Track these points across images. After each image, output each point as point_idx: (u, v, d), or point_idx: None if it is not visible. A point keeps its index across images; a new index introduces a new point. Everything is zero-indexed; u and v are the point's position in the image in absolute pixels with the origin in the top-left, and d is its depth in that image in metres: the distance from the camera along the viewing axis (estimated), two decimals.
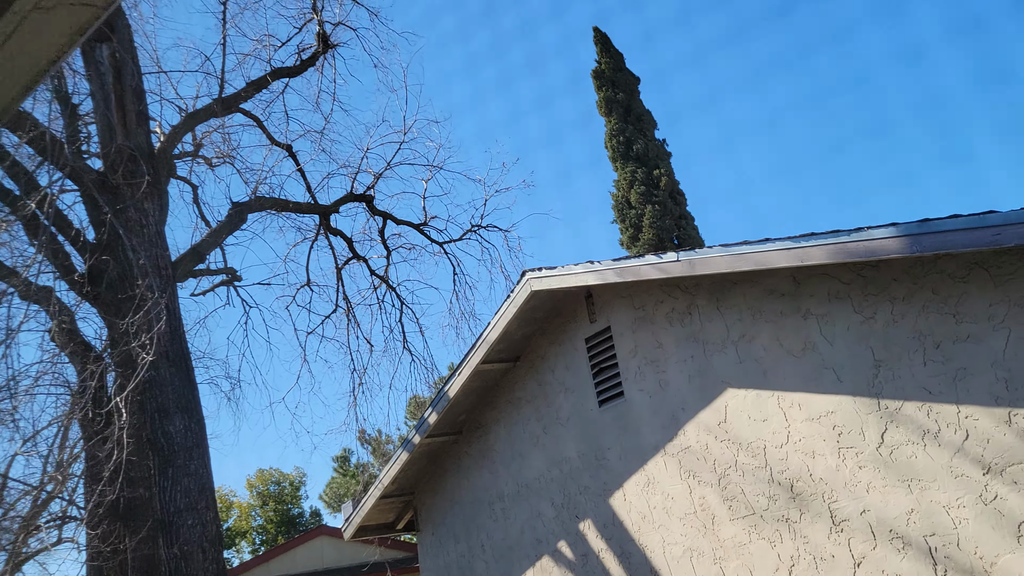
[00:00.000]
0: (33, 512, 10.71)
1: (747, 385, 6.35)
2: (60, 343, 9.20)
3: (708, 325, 6.71)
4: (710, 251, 6.06)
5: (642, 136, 21.06)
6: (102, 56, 9.12)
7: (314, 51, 12.27)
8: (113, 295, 8.78)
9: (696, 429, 6.74)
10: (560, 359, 8.25)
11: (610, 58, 21.64)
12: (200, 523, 8.07)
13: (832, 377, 5.77)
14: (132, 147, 9.26)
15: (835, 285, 5.78)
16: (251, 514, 40.24)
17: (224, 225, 11.33)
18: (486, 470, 9.18)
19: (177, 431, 8.38)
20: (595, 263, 7.10)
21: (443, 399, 8.98)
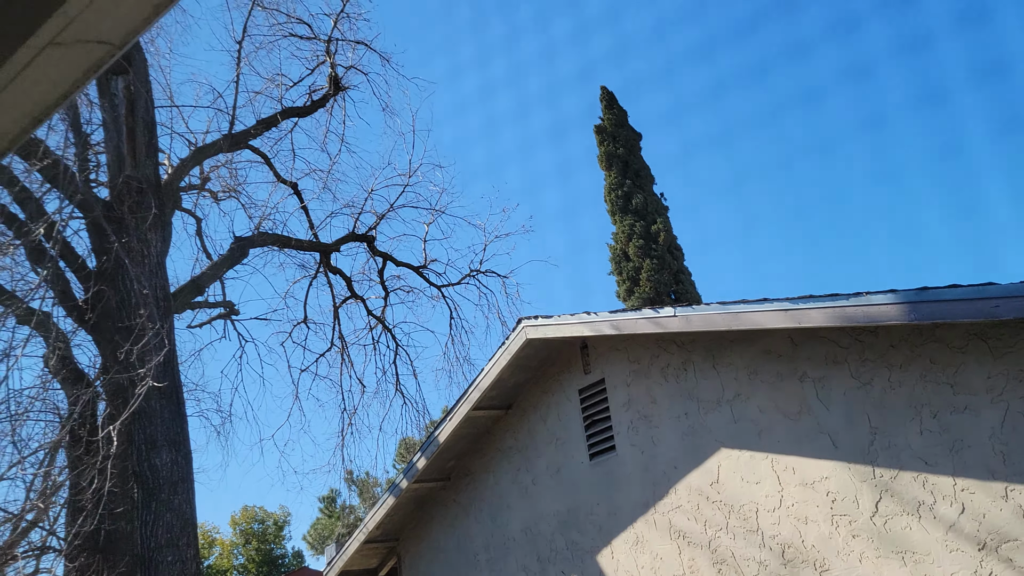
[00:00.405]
0: (11, 540, 10.50)
1: (741, 446, 6.29)
2: (54, 369, 9.14)
3: (703, 383, 6.68)
4: (707, 308, 6.07)
5: (640, 190, 21.29)
6: (117, 88, 9.26)
7: (325, 92, 12.47)
8: (110, 324, 8.76)
9: (688, 488, 6.66)
10: (552, 409, 8.19)
11: (613, 115, 22.03)
12: (180, 560, 7.91)
13: (827, 442, 5.72)
14: (140, 178, 9.34)
15: (833, 349, 5.77)
16: (233, 552, 39.50)
17: (225, 259, 11.37)
18: (473, 519, 9.03)
19: (163, 464, 8.27)
20: (591, 314, 7.10)
21: (433, 444, 8.89)
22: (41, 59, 1.25)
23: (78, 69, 1.29)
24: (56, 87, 1.32)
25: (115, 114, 9.29)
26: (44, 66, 1.27)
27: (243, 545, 39.63)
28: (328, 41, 12.42)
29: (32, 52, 1.24)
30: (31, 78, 1.28)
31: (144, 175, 9.42)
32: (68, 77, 1.31)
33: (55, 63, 1.27)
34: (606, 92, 22.41)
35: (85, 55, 1.27)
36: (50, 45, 1.23)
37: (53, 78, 1.30)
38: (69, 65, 1.28)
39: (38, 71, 1.28)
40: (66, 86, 1.32)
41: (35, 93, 1.32)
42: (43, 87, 1.31)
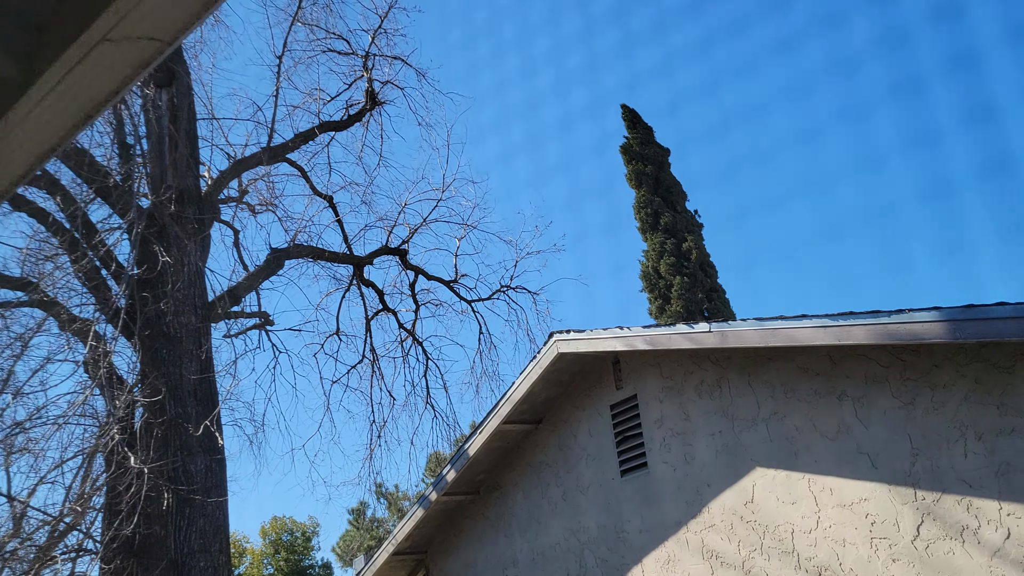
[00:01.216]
0: (49, 543, 10.69)
1: (777, 465, 6.17)
2: (92, 375, 9.32)
3: (739, 400, 6.58)
4: (743, 324, 5.98)
5: (671, 208, 21.17)
6: (161, 100, 9.47)
7: (361, 107, 12.62)
8: (149, 331, 8.91)
9: (722, 508, 6.55)
10: (583, 424, 8.12)
11: (638, 133, 21.98)
12: (212, 566, 7.98)
13: (867, 463, 5.58)
14: (181, 189, 9.52)
15: (873, 367, 5.65)
16: (263, 562, 39.75)
17: (261, 270, 11.51)
18: (502, 533, 8.98)
19: (198, 470, 8.37)
20: (624, 329, 7.05)
21: (462, 457, 8.87)
22: (93, 56, 1.27)
23: (128, 66, 1.31)
24: (107, 84, 1.34)
25: (159, 126, 9.50)
26: (95, 63, 1.29)
27: (272, 555, 39.87)
28: (365, 56, 12.59)
29: (84, 49, 1.26)
30: (83, 75, 1.31)
31: (185, 186, 9.61)
32: (118, 74, 1.33)
33: (106, 60, 1.29)
34: (628, 111, 22.39)
35: (135, 52, 1.29)
36: (102, 42, 1.25)
37: (104, 75, 1.32)
38: (119, 62, 1.31)
39: (89, 68, 1.30)
40: (116, 83, 1.35)
41: (86, 90, 1.34)
42: (94, 84, 1.33)
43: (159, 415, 8.42)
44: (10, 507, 11.15)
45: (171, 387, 8.64)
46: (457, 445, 13.81)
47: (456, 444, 13.90)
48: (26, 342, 10.87)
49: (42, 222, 9.11)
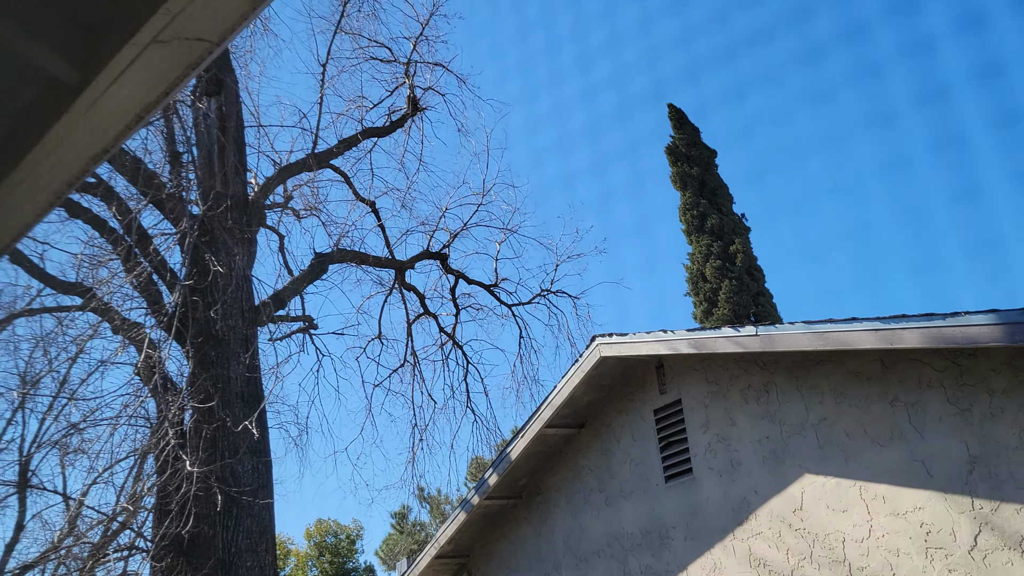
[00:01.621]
0: (103, 541, 10.97)
1: (826, 472, 6.03)
2: (144, 378, 9.54)
3: (786, 405, 6.45)
4: (791, 327, 5.87)
5: (717, 211, 20.89)
6: (210, 109, 9.68)
7: (403, 113, 12.74)
8: (198, 334, 9.10)
9: (769, 515, 6.42)
10: (626, 429, 8.05)
11: (684, 134, 21.72)
12: (259, 566, 8.09)
13: (921, 471, 5.43)
14: (229, 195, 9.71)
15: (927, 372, 5.49)
16: (307, 564, 40.24)
17: (306, 274, 11.68)
18: (544, 539, 8.94)
19: (245, 471, 8.51)
20: (668, 332, 6.97)
21: (504, 461, 8.86)
22: (144, 57, 1.30)
23: (178, 67, 1.33)
24: (158, 85, 1.37)
25: (207, 134, 9.71)
26: (147, 64, 1.32)
27: (317, 558, 40.35)
28: (407, 63, 12.71)
29: (136, 50, 1.29)
30: (135, 76, 1.34)
31: (233, 193, 9.80)
32: (169, 75, 1.35)
33: (157, 61, 1.32)
34: (675, 110, 22.10)
35: (186, 53, 1.31)
36: (153, 43, 1.28)
37: (155, 76, 1.34)
38: (170, 63, 1.33)
39: (141, 69, 1.32)
40: (167, 84, 1.37)
41: (138, 91, 1.37)
42: (146, 85, 1.36)
43: (208, 417, 8.59)
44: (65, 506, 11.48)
45: (219, 390, 8.81)
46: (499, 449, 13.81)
47: (498, 448, 13.90)
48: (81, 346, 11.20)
49: (97, 229, 9.38)
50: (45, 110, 1.42)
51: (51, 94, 1.41)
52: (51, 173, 1.51)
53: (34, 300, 10.79)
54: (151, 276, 9.46)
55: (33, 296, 10.80)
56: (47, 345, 10.98)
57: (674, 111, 22.07)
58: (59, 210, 9.08)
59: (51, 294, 10.14)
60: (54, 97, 1.40)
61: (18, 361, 11.72)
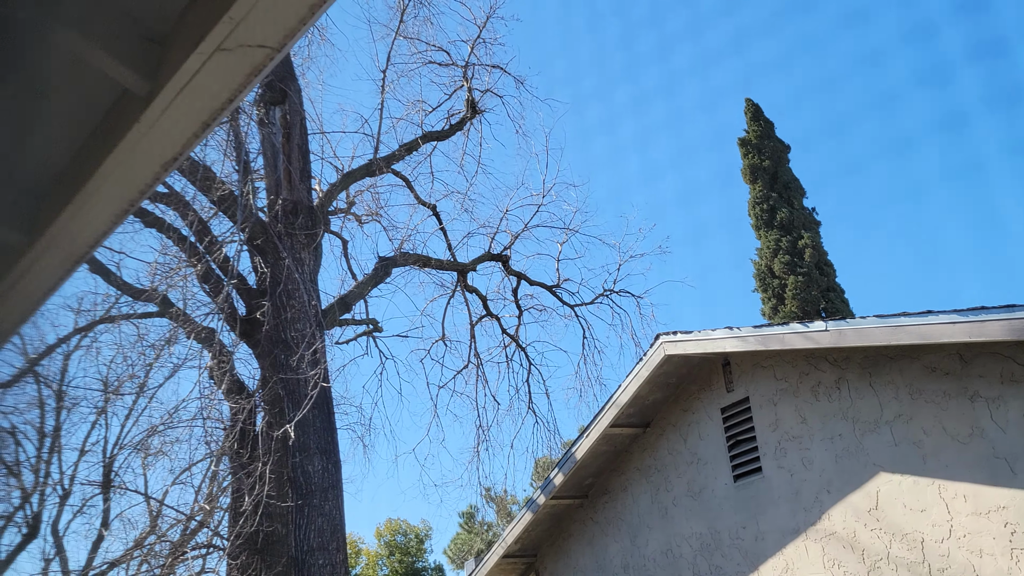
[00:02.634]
0: (182, 540, 11.38)
1: (903, 470, 5.83)
2: (217, 381, 9.85)
3: (859, 402, 6.25)
4: (863, 321, 5.69)
5: (787, 204, 20.40)
6: (275, 118, 9.95)
7: (462, 116, 12.83)
8: (269, 338, 9.35)
9: (843, 514, 6.24)
10: (693, 428, 7.93)
11: (759, 127, 21.30)
12: (330, 564, 8.26)
13: (1005, 468, 5.19)
14: (295, 202, 9.95)
15: (1009, 366, 5.25)
16: (378, 563, 40.91)
17: (370, 278, 11.87)
18: (611, 539, 8.88)
19: (316, 471, 8.70)
20: (735, 329, 6.84)
21: (570, 460, 8.83)
22: (210, 65, 1.34)
23: (241, 73, 1.38)
24: (223, 92, 1.41)
25: (272, 142, 9.98)
26: (212, 72, 1.36)
27: (387, 557, 40.97)
28: (465, 66, 12.80)
29: (202, 58, 1.33)
30: (201, 84, 1.38)
31: (298, 199, 10.03)
32: (233, 82, 1.40)
33: (222, 68, 1.36)
34: (751, 104, 21.75)
35: (248, 59, 1.35)
36: (217, 51, 1.32)
37: (220, 83, 1.39)
38: (234, 70, 1.37)
39: (207, 77, 1.37)
40: (231, 91, 1.41)
41: (204, 98, 1.41)
42: (211, 92, 1.40)
43: (279, 419, 8.81)
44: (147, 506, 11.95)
45: (289, 392, 9.03)
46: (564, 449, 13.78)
47: (563, 448, 13.87)
48: (159, 352, 11.63)
49: (169, 237, 9.73)
50: (117, 120, 1.48)
51: (122, 105, 1.46)
52: (124, 182, 1.57)
53: (112, 307, 11.28)
54: (221, 282, 9.77)
55: (111, 304, 11.29)
56: (127, 351, 11.45)
57: (750, 104, 21.73)
58: (134, 219, 9.46)
59: (128, 302, 10.57)
60: (125, 108, 1.45)
61: (100, 366, 12.27)
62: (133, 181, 1.58)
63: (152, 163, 1.54)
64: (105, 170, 1.53)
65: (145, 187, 1.61)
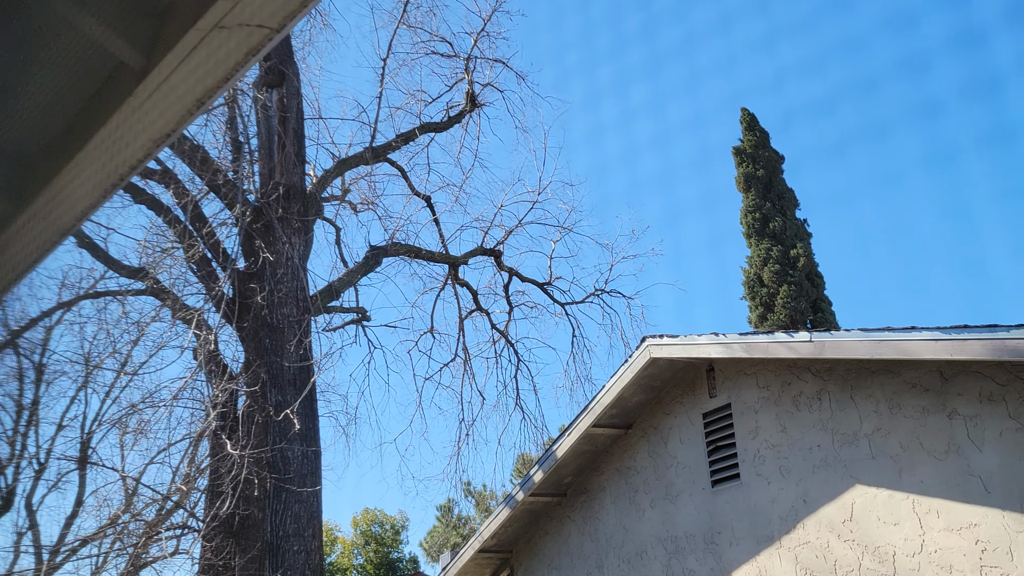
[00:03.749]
0: (157, 520, 11.34)
1: (879, 484, 5.88)
2: (201, 362, 9.81)
3: (839, 414, 6.30)
4: (847, 334, 5.73)
5: (781, 214, 20.50)
6: (271, 100, 9.90)
7: (461, 109, 12.80)
8: (254, 322, 9.32)
9: (817, 524, 6.28)
10: (674, 432, 7.97)
11: (754, 136, 21.39)
12: (305, 550, 8.26)
13: (978, 486, 5.24)
14: (288, 187, 9.91)
15: (988, 385, 5.30)
16: (353, 552, 40.88)
17: (360, 266, 11.84)
18: (588, 538, 8.91)
19: (295, 457, 8.68)
20: (719, 335, 6.87)
21: (550, 458, 8.85)
22: (207, 42, 1.34)
23: (239, 52, 1.37)
24: (219, 71, 1.40)
25: (268, 125, 9.93)
26: (209, 49, 1.36)
27: (363, 546, 40.94)
28: (467, 59, 12.77)
29: (200, 35, 1.33)
30: (197, 61, 1.37)
31: (292, 184, 10.00)
32: (230, 61, 1.39)
33: (219, 46, 1.35)
34: (747, 113, 21.85)
35: (247, 39, 1.34)
36: (215, 28, 1.31)
37: (217, 61, 1.38)
38: (231, 49, 1.36)
39: (204, 54, 1.36)
40: (228, 70, 1.41)
41: (200, 76, 1.41)
42: (208, 70, 1.39)
43: (260, 403, 8.79)
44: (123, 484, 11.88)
45: (272, 376, 9.00)
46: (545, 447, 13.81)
47: (544, 446, 13.90)
48: (143, 329, 11.57)
49: (159, 214, 9.68)
50: (111, 93, 1.47)
51: (117, 78, 1.46)
52: (115, 155, 1.56)
53: (98, 283, 11.20)
54: (210, 262, 9.72)
55: (97, 279, 11.21)
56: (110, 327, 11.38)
57: (746, 114, 21.84)
58: (123, 194, 9.40)
59: (114, 277, 10.51)
60: (119, 81, 1.44)
61: (83, 341, 12.19)
62: (124, 155, 1.57)
63: (144, 138, 1.53)
64: (96, 142, 1.52)
65: (136, 162, 1.60)
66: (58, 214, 1.64)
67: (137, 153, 1.58)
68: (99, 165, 1.58)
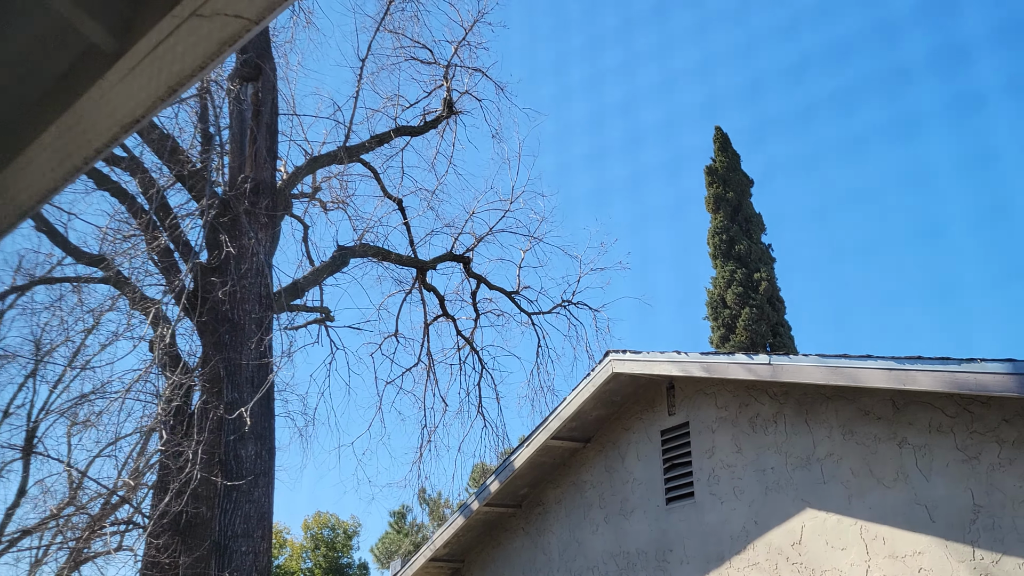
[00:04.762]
0: (101, 514, 11.06)
1: (828, 508, 5.97)
2: (156, 355, 9.63)
3: (794, 438, 6.39)
4: (804, 359, 5.82)
5: (747, 237, 20.80)
6: (246, 94, 9.79)
7: (438, 115, 12.80)
8: (214, 316, 9.17)
9: (767, 546, 6.36)
10: (632, 448, 8.01)
11: (726, 158, 21.68)
12: (253, 552, 8.12)
13: (924, 515, 5.35)
14: (257, 181, 9.80)
15: (938, 417, 5.42)
16: (302, 555, 40.30)
17: (327, 265, 11.74)
18: (540, 551, 8.90)
19: (248, 456, 8.55)
20: (681, 354, 6.94)
21: (507, 468, 8.84)
22: (184, 29, 1.32)
23: (215, 42, 1.35)
24: (194, 59, 1.39)
25: (241, 118, 9.82)
26: (185, 36, 1.34)
27: (312, 550, 40.39)
28: (447, 66, 12.78)
29: (176, 21, 1.31)
30: (172, 47, 1.36)
31: (261, 179, 9.89)
32: (206, 50, 1.37)
33: (195, 34, 1.34)
34: (720, 133, 22.10)
35: (224, 29, 1.33)
36: (193, 15, 1.30)
37: (192, 49, 1.36)
38: (208, 37, 1.35)
39: (179, 41, 1.34)
40: (203, 58, 1.39)
41: (174, 63, 1.39)
42: (182, 57, 1.38)
43: (216, 399, 8.64)
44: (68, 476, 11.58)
45: (229, 372, 8.87)
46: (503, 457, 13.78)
47: (502, 456, 13.87)
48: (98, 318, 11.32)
49: (123, 202, 9.50)
50: (80, 75, 1.44)
51: (88, 59, 1.43)
52: (81, 138, 1.53)
53: (55, 268, 10.93)
54: (172, 254, 9.56)
55: (54, 264, 10.94)
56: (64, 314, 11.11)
57: (719, 133, 22.08)
58: (87, 180, 9.21)
59: (72, 264, 10.27)
60: (90, 63, 1.42)
61: (34, 328, 11.88)
62: (90, 139, 1.54)
63: (112, 123, 1.50)
64: (62, 124, 1.49)
65: (102, 146, 1.57)
66: (16, 193, 1.60)
67: (104, 137, 1.55)
68: (63, 147, 1.55)
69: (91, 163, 1.64)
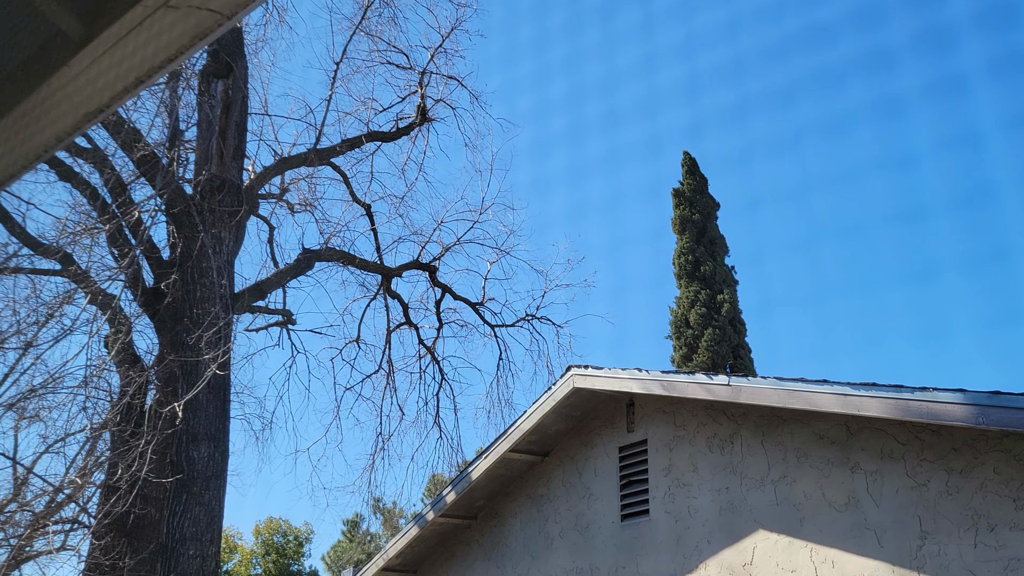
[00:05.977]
0: (46, 512, 10.75)
1: (780, 530, 6.04)
2: (111, 350, 9.43)
3: (749, 459, 6.46)
4: (763, 381, 5.90)
5: (712, 259, 21.08)
6: (216, 91, 9.68)
7: (411, 122, 12.78)
8: (174, 314, 9.01)
9: (719, 565, 6.40)
10: (590, 463, 8.03)
11: (694, 180, 21.98)
12: (201, 556, 7.96)
13: (873, 539, 5.44)
14: (223, 179, 9.68)
15: (889, 443, 5.52)
16: (252, 561, 39.60)
17: (291, 268, 11.62)
18: (494, 564, 8.86)
19: (200, 458, 8.39)
20: (642, 371, 6.98)
21: (464, 479, 8.79)
22: (154, 19, 1.30)
23: (186, 35, 1.33)
24: (163, 50, 1.36)
25: (210, 115, 9.70)
26: (155, 27, 1.32)
27: (263, 556, 39.72)
28: (422, 73, 12.77)
29: (146, 11, 1.29)
30: (141, 37, 1.33)
31: (227, 176, 9.76)
32: (175, 42, 1.35)
33: (166, 25, 1.31)
34: (688, 157, 22.44)
35: (195, 21, 1.31)
36: (163, 7, 1.28)
37: (161, 40, 1.34)
38: (178, 29, 1.33)
39: (149, 31, 1.32)
40: (172, 51, 1.37)
41: (142, 53, 1.36)
42: (151, 48, 1.35)
43: (170, 398, 8.48)
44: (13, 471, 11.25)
45: (186, 372, 8.71)
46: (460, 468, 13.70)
47: (460, 467, 13.79)
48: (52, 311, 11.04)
49: (84, 194, 9.30)
50: (44, 61, 1.41)
51: (53, 46, 1.40)
52: (42, 126, 1.50)
53: (10, 259, 10.65)
54: (132, 249, 9.38)
55: (9, 255, 10.65)
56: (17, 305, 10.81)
57: (687, 157, 22.42)
58: (48, 170, 9.01)
59: (28, 255, 10.01)
60: (55, 49, 1.39)
61: None
62: (52, 127, 1.51)
63: (75, 112, 1.47)
64: (23, 111, 1.45)
65: (63, 135, 1.54)
66: None
67: (66, 126, 1.52)
68: (23, 134, 1.51)
69: (52, 151, 1.60)
